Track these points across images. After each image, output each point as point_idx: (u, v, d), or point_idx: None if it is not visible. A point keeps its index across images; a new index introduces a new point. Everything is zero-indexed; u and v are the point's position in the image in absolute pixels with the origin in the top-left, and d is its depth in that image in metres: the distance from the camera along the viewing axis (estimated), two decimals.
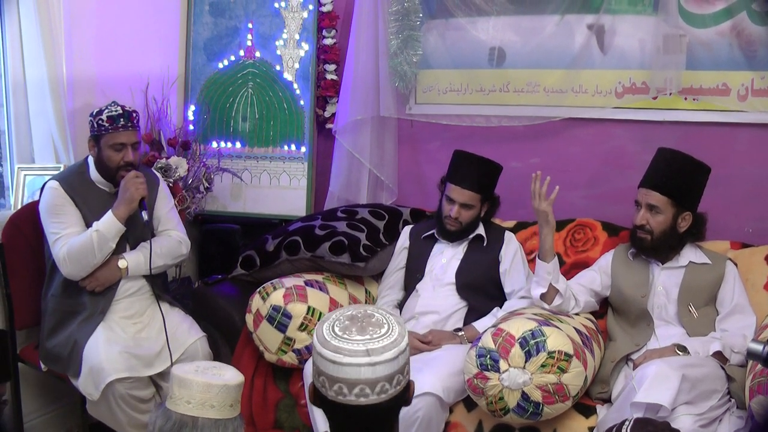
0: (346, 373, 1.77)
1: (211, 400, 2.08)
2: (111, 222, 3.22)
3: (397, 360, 1.80)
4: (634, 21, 3.70)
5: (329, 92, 4.50)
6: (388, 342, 1.80)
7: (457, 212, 3.48)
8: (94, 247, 3.19)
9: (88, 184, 3.35)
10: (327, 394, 1.81)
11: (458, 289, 3.50)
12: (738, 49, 3.49)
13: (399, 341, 1.82)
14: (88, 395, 3.18)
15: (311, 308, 3.34)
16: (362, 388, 1.77)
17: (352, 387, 1.77)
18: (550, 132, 4.00)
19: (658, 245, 3.18)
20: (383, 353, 1.78)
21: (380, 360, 1.77)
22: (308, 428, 3.35)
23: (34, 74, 3.76)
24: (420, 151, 4.39)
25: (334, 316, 1.89)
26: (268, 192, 4.62)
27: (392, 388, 1.81)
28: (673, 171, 3.15)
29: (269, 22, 4.53)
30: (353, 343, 1.79)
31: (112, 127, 3.23)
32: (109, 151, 3.27)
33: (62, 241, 3.21)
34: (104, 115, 3.24)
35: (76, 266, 3.21)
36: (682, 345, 2.97)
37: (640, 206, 3.18)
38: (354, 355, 1.77)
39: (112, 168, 3.29)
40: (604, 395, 3.05)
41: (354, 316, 1.88)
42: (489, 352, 2.81)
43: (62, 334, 3.29)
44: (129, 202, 3.24)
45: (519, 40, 4.00)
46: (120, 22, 4.19)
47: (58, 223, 3.25)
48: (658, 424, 2.08)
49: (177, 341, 3.37)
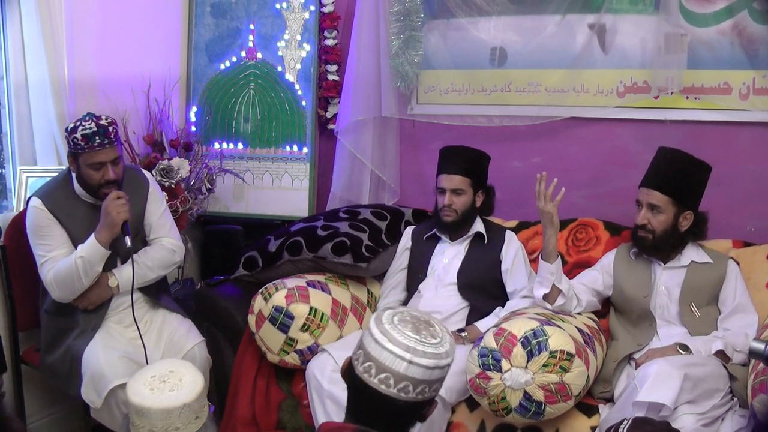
0: (382, 357, 1.87)
1: (174, 423, 2.01)
2: (94, 247, 3.14)
3: (430, 371, 1.88)
4: (635, 20, 3.69)
5: (331, 93, 4.51)
6: (430, 351, 1.88)
7: (449, 199, 3.50)
8: (79, 273, 3.12)
9: (71, 199, 3.26)
10: (356, 368, 1.92)
11: (460, 289, 3.50)
12: (739, 47, 3.48)
13: (442, 357, 1.90)
14: (91, 403, 3.14)
15: (313, 309, 3.34)
16: (387, 377, 1.86)
17: (380, 372, 1.87)
18: (552, 132, 4.00)
19: (659, 245, 3.18)
20: (421, 358, 1.86)
21: (416, 362, 1.86)
22: (311, 428, 3.34)
23: (35, 75, 3.76)
24: (422, 152, 4.39)
25: (401, 309, 2.02)
26: (270, 193, 4.62)
27: (413, 393, 1.88)
28: (673, 170, 3.14)
29: (271, 23, 4.54)
30: (402, 336, 1.88)
31: (88, 146, 3.08)
32: (87, 170, 3.15)
33: (48, 264, 3.16)
34: (78, 133, 3.06)
35: (63, 291, 3.18)
36: (684, 344, 2.96)
37: (641, 206, 3.18)
38: (397, 345, 1.87)
39: (93, 186, 3.18)
40: (606, 395, 3.05)
41: (418, 317, 1.98)
42: (491, 352, 2.81)
43: (59, 350, 3.27)
44: (111, 227, 3.14)
45: (520, 40, 4.00)
46: (121, 24, 4.20)
47: (43, 245, 3.19)
48: (656, 423, 2.08)
49: (175, 346, 3.36)
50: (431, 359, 1.87)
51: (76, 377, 3.18)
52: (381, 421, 1.92)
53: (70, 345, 3.24)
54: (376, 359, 1.87)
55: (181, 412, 2.01)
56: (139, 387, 2.10)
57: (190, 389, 2.07)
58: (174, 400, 2.03)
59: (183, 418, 2.01)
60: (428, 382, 1.89)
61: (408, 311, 2.01)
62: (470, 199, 3.55)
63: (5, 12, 3.72)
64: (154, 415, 2.00)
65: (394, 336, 1.88)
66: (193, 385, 2.08)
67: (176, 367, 2.19)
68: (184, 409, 2.01)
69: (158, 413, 2.00)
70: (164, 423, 2.00)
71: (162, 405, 2.01)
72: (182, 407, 2.01)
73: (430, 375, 1.88)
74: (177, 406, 2.01)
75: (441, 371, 1.91)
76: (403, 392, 1.87)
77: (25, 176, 3.79)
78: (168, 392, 2.05)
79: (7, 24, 3.73)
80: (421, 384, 1.88)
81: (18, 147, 3.85)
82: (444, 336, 1.95)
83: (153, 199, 3.48)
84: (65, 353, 3.24)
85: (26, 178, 3.78)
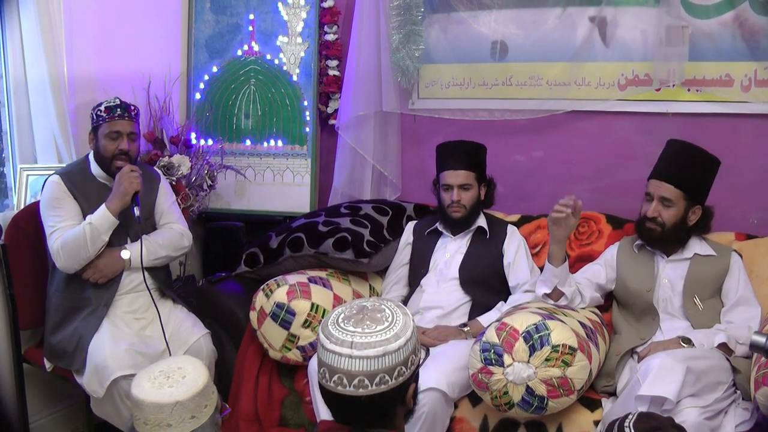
0: (329, 359, 1.85)
1: (167, 419, 1.99)
2: (104, 215, 3.23)
3: (380, 359, 1.83)
4: (636, 13, 3.68)
5: (332, 88, 4.50)
6: (373, 340, 1.84)
7: (457, 195, 3.49)
8: (87, 239, 3.19)
9: (88, 179, 3.39)
10: (318, 376, 1.91)
11: (462, 283, 3.50)
12: (741, 39, 3.47)
13: (390, 341, 1.85)
14: (93, 392, 3.18)
15: (315, 305, 3.34)
16: (340, 377, 1.83)
17: (333, 374, 1.85)
18: (554, 125, 3.98)
19: (666, 237, 3.16)
20: (365, 350, 1.83)
21: (357, 355, 1.82)
22: (313, 425, 3.35)
23: (35, 74, 3.76)
24: (423, 146, 4.38)
25: (348, 305, 1.97)
26: (271, 189, 4.62)
27: (373, 386, 1.83)
28: (686, 164, 3.12)
29: (271, 18, 4.53)
30: (342, 332, 1.86)
31: (109, 116, 3.30)
32: (104, 140, 3.32)
33: (57, 233, 3.23)
34: (103, 106, 3.32)
35: (69, 259, 3.23)
36: (687, 337, 2.95)
37: (652, 198, 3.15)
38: (337, 343, 1.85)
39: (107, 158, 3.33)
40: (609, 389, 3.04)
41: (364, 307, 1.94)
42: (493, 347, 2.80)
43: (67, 329, 3.30)
44: (122, 195, 3.25)
45: (521, 34, 3.98)
46: (121, 20, 4.19)
47: (55, 216, 3.27)
48: (661, 419, 2.07)
49: (180, 339, 3.38)
50: (376, 348, 1.82)
51: (81, 355, 3.22)
52: (360, 419, 1.91)
53: (78, 324, 3.29)
54: (326, 363, 1.86)
55: (173, 409, 1.99)
56: (143, 379, 2.10)
57: (186, 388, 2.05)
58: (167, 396, 2.01)
59: (175, 415, 2.00)
60: (386, 370, 1.84)
61: (357, 304, 1.97)
62: (477, 192, 3.55)
63: (4, 10, 3.72)
64: (147, 409, 2.00)
65: (335, 335, 1.85)
66: (192, 384, 2.06)
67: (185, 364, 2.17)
68: (176, 406, 2.00)
69: (150, 407, 1.99)
70: (156, 417, 1.99)
71: (155, 399, 2.01)
72: (174, 404, 2.00)
73: (383, 363, 1.83)
74: (168, 403, 2.00)
75: (396, 355, 1.85)
76: (361, 388, 1.83)
77: (25, 175, 3.79)
78: (167, 388, 2.04)
79: (6, 22, 3.74)
80: (377, 374, 1.83)
81: (18, 145, 3.85)
82: (395, 317, 1.90)
83: (163, 191, 3.62)
84: (73, 332, 3.28)
85: (27, 177, 3.79)
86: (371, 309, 1.93)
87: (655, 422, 2.04)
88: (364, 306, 1.95)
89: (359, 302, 1.98)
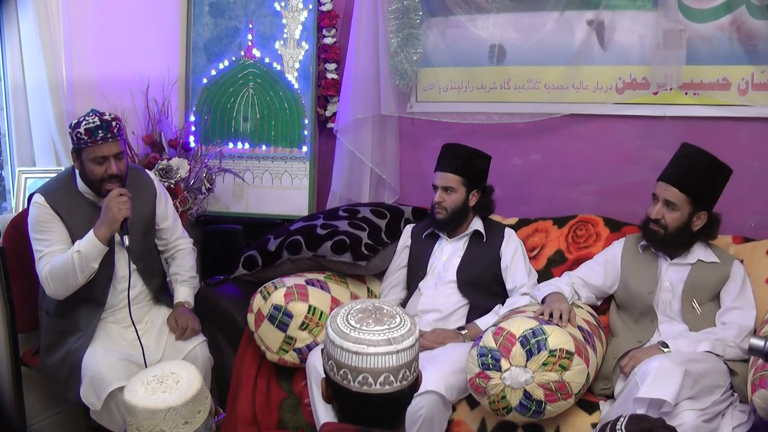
0: (372, 362, 1.85)
1: (160, 425, 1.96)
2: (92, 243, 3.10)
3: (414, 348, 1.91)
4: (633, 16, 3.69)
5: (330, 91, 4.50)
6: (405, 331, 1.91)
7: (439, 196, 3.52)
8: (75, 268, 3.08)
9: (74, 196, 3.25)
10: (350, 386, 1.87)
11: (460, 286, 3.50)
12: (738, 43, 3.47)
13: (413, 330, 1.93)
14: (90, 405, 3.14)
15: (312, 307, 3.34)
16: (386, 377, 1.86)
17: (378, 376, 1.85)
18: (551, 128, 3.99)
19: (669, 240, 3.14)
20: (403, 341, 1.88)
21: (402, 347, 1.87)
22: (312, 427, 3.35)
23: (33, 77, 3.76)
24: (421, 150, 4.39)
25: (345, 311, 1.99)
26: (270, 192, 4.62)
27: (411, 374, 1.91)
28: (695, 170, 3.09)
29: (269, 21, 4.53)
30: (374, 334, 1.88)
31: (91, 140, 3.09)
32: (91, 164, 3.14)
33: (45, 259, 3.14)
34: (82, 127, 3.09)
35: (58, 286, 3.14)
36: (665, 342, 2.95)
37: (657, 200, 3.14)
38: (377, 344, 1.86)
39: (95, 181, 3.17)
40: (607, 391, 3.05)
41: (365, 308, 1.97)
42: (490, 351, 2.80)
43: (58, 353, 3.25)
44: (111, 223, 3.11)
45: (519, 37, 3.99)
46: (119, 24, 4.20)
47: (42, 240, 3.17)
48: (653, 420, 2.06)
49: (176, 346, 3.36)
50: (409, 338, 1.90)
51: (74, 382, 3.17)
52: (380, 419, 1.92)
53: (69, 350, 3.22)
54: (367, 368, 1.86)
55: (166, 414, 1.98)
56: (136, 385, 2.08)
57: (180, 394, 2.03)
58: (161, 402, 2.00)
59: (168, 421, 1.98)
60: (415, 357, 1.92)
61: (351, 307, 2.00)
62: (461, 197, 3.54)
63: (2, 13, 3.72)
64: (140, 414, 1.98)
65: (368, 338, 1.87)
66: (186, 390, 2.05)
67: (179, 369, 2.15)
68: (169, 412, 1.98)
69: (143, 413, 1.98)
70: (149, 423, 1.97)
71: (148, 405, 1.99)
72: (167, 410, 1.98)
73: (414, 351, 1.91)
74: (162, 408, 1.98)
75: (413, 350, 1.92)
76: (404, 380, 1.88)
77: (23, 177, 3.79)
78: (160, 393, 2.02)
79: (5, 26, 3.74)
80: (412, 363, 1.91)
81: (16, 148, 3.86)
82: (397, 310, 1.99)
83: (160, 201, 3.53)
84: (64, 358, 3.23)
85: (25, 179, 3.79)
86: (373, 308, 1.97)
87: (647, 423, 2.04)
88: (363, 308, 1.98)
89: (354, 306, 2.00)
